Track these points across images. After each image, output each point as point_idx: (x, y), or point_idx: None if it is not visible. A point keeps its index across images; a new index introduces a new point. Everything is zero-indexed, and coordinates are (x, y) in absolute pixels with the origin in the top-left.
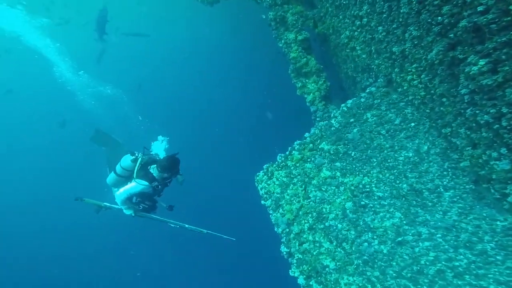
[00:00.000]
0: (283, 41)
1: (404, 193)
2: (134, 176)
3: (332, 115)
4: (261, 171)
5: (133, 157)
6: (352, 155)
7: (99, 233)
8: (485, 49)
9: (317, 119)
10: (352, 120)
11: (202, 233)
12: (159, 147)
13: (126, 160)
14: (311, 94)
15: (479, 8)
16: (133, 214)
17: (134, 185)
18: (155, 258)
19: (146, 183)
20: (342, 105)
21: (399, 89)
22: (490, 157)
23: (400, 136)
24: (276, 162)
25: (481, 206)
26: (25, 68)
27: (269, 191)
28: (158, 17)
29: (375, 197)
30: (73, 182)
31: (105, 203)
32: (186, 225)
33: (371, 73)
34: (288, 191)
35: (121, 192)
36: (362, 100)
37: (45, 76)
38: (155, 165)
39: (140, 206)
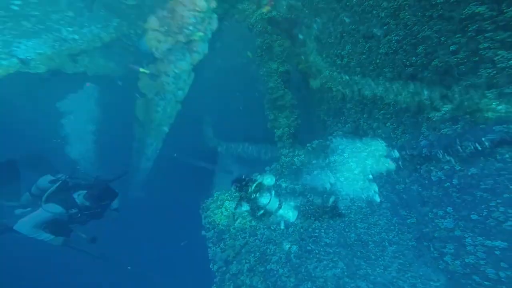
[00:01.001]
0: (264, 69)
1: (351, 242)
2: (43, 200)
3: (296, 153)
4: (209, 198)
5: (53, 178)
6: (308, 196)
7: None
8: (451, 93)
9: (282, 156)
10: (314, 162)
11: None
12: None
13: (44, 181)
14: (281, 129)
15: (452, 47)
16: (60, 244)
17: (40, 212)
18: None
19: (59, 209)
20: (308, 144)
21: (364, 138)
22: (436, 215)
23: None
24: (229, 191)
25: (419, 264)
26: None
27: (213, 221)
28: None
29: (322, 243)
30: None
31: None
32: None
33: (341, 118)
34: (236, 224)
35: (26, 221)
36: (328, 142)
37: None
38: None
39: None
